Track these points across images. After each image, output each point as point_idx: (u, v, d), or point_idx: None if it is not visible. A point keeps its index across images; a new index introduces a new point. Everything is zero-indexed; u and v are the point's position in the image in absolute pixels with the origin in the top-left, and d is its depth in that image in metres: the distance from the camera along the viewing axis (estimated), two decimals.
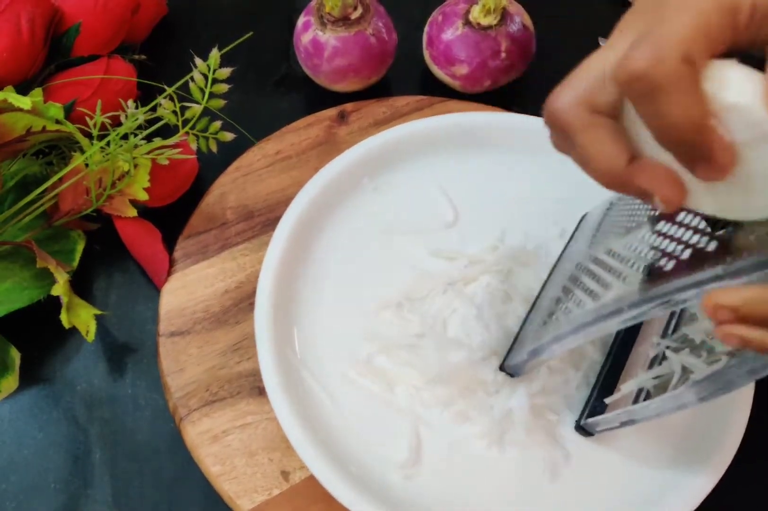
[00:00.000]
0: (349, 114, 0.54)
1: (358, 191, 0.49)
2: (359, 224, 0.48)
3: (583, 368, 0.43)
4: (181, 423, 0.42)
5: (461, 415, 0.42)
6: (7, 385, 0.43)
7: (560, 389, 0.43)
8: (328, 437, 0.41)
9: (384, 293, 0.45)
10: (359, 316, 0.45)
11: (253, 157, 0.52)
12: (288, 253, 0.45)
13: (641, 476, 0.41)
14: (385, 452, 0.41)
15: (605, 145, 0.27)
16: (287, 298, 0.45)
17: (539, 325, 0.40)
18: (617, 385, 0.42)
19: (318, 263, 0.47)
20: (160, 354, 0.44)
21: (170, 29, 0.60)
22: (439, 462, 0.41)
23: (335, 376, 0.43)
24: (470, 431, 0.42)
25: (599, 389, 0.42)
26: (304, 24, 0.53)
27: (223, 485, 0.41)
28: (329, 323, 0.45)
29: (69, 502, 0.42)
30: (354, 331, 0.44)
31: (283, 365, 0.42)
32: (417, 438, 0.41)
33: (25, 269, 0.45)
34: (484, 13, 0.52)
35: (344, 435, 0.41)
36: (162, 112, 0.44)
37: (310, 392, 0.42)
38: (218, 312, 0.46)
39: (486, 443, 0.42)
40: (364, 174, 0.49)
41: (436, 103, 0.55)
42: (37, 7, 0.48)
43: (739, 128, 0.24)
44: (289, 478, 0.41)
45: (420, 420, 0.42)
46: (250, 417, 0.43)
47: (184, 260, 0.48)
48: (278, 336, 0.43)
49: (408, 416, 0.42)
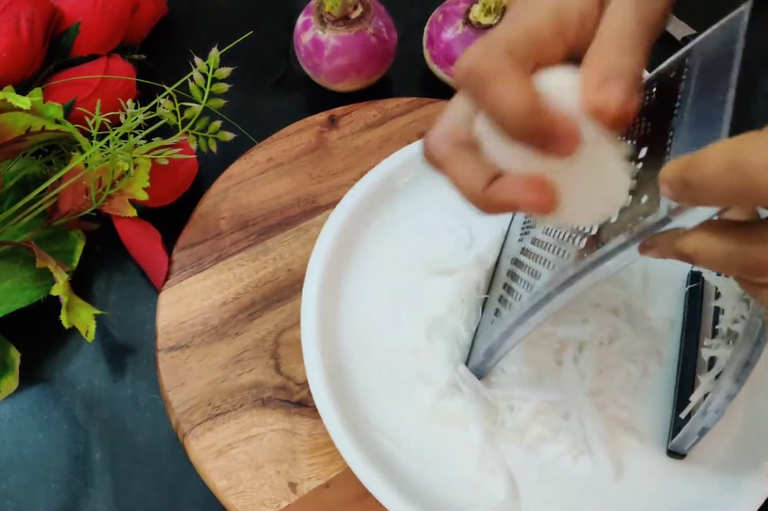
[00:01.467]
0: (339, 118, 0.54)
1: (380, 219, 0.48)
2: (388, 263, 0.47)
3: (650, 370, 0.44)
4: (184, 439, 0.42)
5: (538, 439, 0.41)
6: (7, 385, 0.43)
7: (621, 383, 0.43)
8: (414, 490, 0.39)
9: (420, 323, 0.44)
10: (408, 354, 0.44)
11: (245, 165, 0.51)
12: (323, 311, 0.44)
13: (701, 478, 0.41)
14: (480, 493, 0.40)
15: (465, 173, 0.29)
16: (337, 364, 0.43)
17: (488, 324, 0.41)
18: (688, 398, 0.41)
19: (354, 306, 0.45)
20: (159, 369, 0.44)
21: (170, 29, 0.60)
22: (536, 488, 0.40)
23: (404, 425, 0.41)
24: (554, 450, 0.41)
25: (676, 408, 0.42)
26: (304, 23, 0.53)
27: (230, 500, 0.40)
28: (381, 371, 0.43)
29: (69, 502, 0.42)
30: (408, 373, 0.43)
31: (348, 422, 0.40)
32: (507, 471, 0.40)
33: (25, 269, 0.45)
34: (484, 12, 0.52)
35: (431, 485, 0.40)
36: (161, 112, 0.44)
37: (386, 449, 0.40)
38: (217, 325, 0.46)
39: (572, 457, 0.41)
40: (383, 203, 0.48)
41: (426, 105, 0.55)
42: (37, 7, 0.48)
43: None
44: (296, 489, 0.41)
45: (503, 451, 0.41)
46: (254, 429, 0.42)
47: (180, 273, 0.47)
48: (338, 396, 0.41)
49: (490, 451, 0.41)
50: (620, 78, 0.26)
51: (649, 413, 0.42)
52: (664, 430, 0.42)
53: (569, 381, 0.42)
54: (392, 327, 0.44)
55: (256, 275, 0.47)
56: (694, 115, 0.28)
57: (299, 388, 0.44)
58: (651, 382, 0.43)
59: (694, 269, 0.46)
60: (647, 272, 0.47)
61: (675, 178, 0.24)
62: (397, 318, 0.45)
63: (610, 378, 0.43)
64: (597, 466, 0.41)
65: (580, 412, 0.41)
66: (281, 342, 0.45)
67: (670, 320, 0.45)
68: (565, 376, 0.42)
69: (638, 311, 0.45)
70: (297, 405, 0.43)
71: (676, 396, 0.42)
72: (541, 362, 0.42)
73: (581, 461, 0.41)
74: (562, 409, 0.41)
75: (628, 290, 0.46)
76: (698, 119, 0.27)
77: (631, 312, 0.45)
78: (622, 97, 0.25)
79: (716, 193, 0.23)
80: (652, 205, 0.27)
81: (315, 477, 0.41)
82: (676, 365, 0.44)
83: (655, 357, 0.44)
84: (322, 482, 0.41)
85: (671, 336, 0.45)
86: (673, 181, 0.24)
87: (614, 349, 0.43)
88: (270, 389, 0.44)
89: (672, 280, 0.47)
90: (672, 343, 0.45)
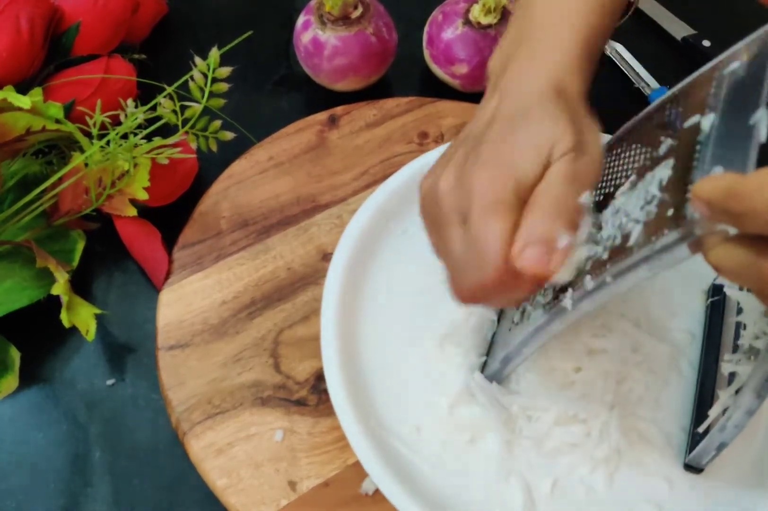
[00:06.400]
0: (339, 117, 0.54)
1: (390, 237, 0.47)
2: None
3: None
4: (184, 438, 0.42)
5: (555, 449, 0.41)
6: (7, 385, 0.43)
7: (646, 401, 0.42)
8: (430, 496, 0.39)
9: (437, 329, 0.44)
10: (425, 360, 0.43)
11: (245, 164, 0.52)
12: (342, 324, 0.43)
13: (719, 493, 0.40)
14: (497, 501, 0.39)
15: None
16: (355, 369, 0.42)
17: (506, 332, 0.40)
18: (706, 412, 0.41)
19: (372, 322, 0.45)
20: (159, 368, 0.44)
21: (170, 29, 0.60)
22: (553, 498, 0.40)
23: (420, 432, 0.41)
24: (571, 460, 0.41)
25: (694, 422, 0.41)
26: (304, 23, 0.53)
27: (230, 498, 0.40)
28: (398, 377, 0.43)
29: (69, 502, 0.42)
30: (425, 380, 0.43)
31: (365, 427, 0.40)
32: (524, 480, 0.40)
33: (25, 269, 0.45)
34: (484, 12, 0.52)
35: (446, 492, 0.39)
36: (162, 112, 0.44)
37: (404, 457, 0.40)
38: (217, 324, 0.46)
39: (590, 468, 0.40)
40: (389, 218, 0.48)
41: (426, 104, 0.55)
42: (37, 7, 0.48)
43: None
44: (296, 488, 0.41)
45: (520, 460, 0.41)
46: (254, 428, 0.42)
47: (180, 272, 0.47)
48: (355, 401, 0.41)
49: (507, 459, 0.40)
50: (539, 245, 0.30)
51: (668, 425, 0.42)
52: (683, 443, 0.41)
53: (589, 391, 0.41)
54: (409, 333, 0.44)
55: (256, 273, 0.47)
56: (723, 131, 0.28)
57: (299, 387, 0.44)
58: (671, 394, 0.43)
59: (716, 282, 0.46)
60: (669, 284, 0.46)
61: (716, 203, 0.24)
62: (414, 324, 0.44)
63: (630, 389, 0.42)
64: (614, 477, 0.40)
65: (599, 423, 0.41)
66: (281, 341, 0.45)
67: (690, 332, 0.45)
68: (584, 386, 0.42)
69: (659, 323, 0.45)
70: (296, 404, 0.43)
71: (694, 410, 0.42)
72: (560, 371, 0.42)
73: (598, 472, 0.40)
74: (581, 419, 0.41)
75: (650, 302, 0.45)
76: (726, 135, 0.27)
77: (652, 324, 0.45)
78: (536, 265, 0.30)
79: (763, 225, 0.23)
80: (676, 220, 0.27)
81: (314, 476, 0.41)
82: (695, 378, 0.43)
83: (676, 370, 0.44)
84: (322, 481, 0.41)
85: (692, 349, 0.45)
86: (715, 205, 0.24)
87: (634, 360, 0.43)
88: (269, 388, 0.44)
89: (693, 293, 0.47)
90: (692, 356, 0.44)
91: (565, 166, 0.31)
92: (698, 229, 0.26)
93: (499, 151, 0.32)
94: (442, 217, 0.33)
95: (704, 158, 0.28)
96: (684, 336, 0.45)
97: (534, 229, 0.30)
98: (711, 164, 0.27)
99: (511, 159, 0.32)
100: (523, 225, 0.30)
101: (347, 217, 0.49)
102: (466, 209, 0.32)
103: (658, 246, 0.28)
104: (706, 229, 0.26)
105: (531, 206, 0.31)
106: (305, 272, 0.48)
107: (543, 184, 0.31)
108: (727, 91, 0.29)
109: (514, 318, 0.40)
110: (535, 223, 0.30)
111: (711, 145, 0.28)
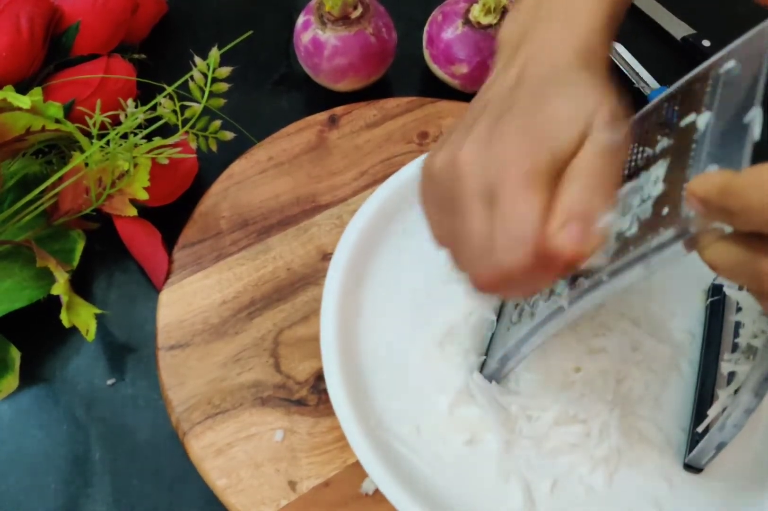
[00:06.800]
0: (339, 117, 0.54)
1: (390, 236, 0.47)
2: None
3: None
4: (184, 438, 0.42)
5: (555, 449, 0.41)
6: (7, 385, 0.43)
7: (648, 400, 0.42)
8: (429, 496, 0.39)
9: (436, 329, 0.44)
10: (423, 360, 0.43)
11: (245, 164, 0.52)
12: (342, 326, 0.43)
13: (719, 493, 0.40)
14: (496, 501, 0.39)
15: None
16: (355, 370, 0.42)
17: (504, 331, 0.40)
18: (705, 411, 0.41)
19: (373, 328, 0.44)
20: (159, 368, 0.44)
21: (170, 28, 0.60)
22: (552, 498, 0.40)
23: (420, 432, 0.41)
24: (571, 460, 0.40)
25: (694, 422, 0.41)
26: (304, 23, 0.53)
27: (230, 499, 0.40)
28: (397, 377, 0.43)
29: (69, 502, 0.42)
30: (424, 380, 0.42)
31: (364, 427, 0.40)
32: (524, 480, 0.40)
33: (25, 269, 0.45)
34: (484, 12, 0.52)
35: (446, 492, 0.39)
36: (162, 112, 0.44)
37: (404, 457, 0.40)
38: (217, 323, 0.46)
39: (590, 468, 0.40)
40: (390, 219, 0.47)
41: (426, 104, 0.55)
42: (37, 7, 0.48)
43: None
44: (296, 488, 0.41)
45: (520, 460, 0.40)
46: (254, 428, 0.42)
47: (180, 272, 0.47)
48: (355, 401, 0.41)
49: (507, 459, 0.40)
50: (581, 221, 0.27)
51: (667, 425, 0.42)
52: (683, 443, 0.41)
53: (588, 391, 0.41)
54: (409, 333, 0.44)
55: (256, 273, 0.47)
56: (718, 129, 0.28)
57: (299, 387, 0.44)
58: (671, 394, 0.43)
59: (716, 282, 0.46)
60: (669, 284, 0.46)
61: (711, 201, 0.24)
62: (413, 324, 0.44)
63: (630, 389, 0.42)
64: (614, 477, 0.40)
65: (599, 422, 0.41)
66: (281, 341, 0.45)
67: (690, 332, 0.45)
68: (584, 386, 0.41)
69: (659, 323, 0.45)
70: (296, 404, 0.43)
71: (694, 410, 0.42)
72: (559, 371, 0.42)
73: (598, 472, 0.40)
74: (580, 419, 0.41)
75: (650, 301, 0.45)
76: (722, 134, 0.28)
77: (652, 323, 0.45)
78: (576, 244, 0.27)
79: (758, 222, 0.23)
80: (672, 218, 0.27)
81: (314, 476, 0.41)
82: (695, 377, 0.43)
83: (675, 369, 0.44)
84: (322, 481, 0.41)
85: (691, 349, 0.45)
86: (710, 202, 0.24)
87: (634, 359, 0.43)
88: (270, 388, 0.44)
89: (693, 292, 0.47)
90: (692, 356, 0.44)
91: (607, 136, 0.28)
92: (693, 227, 0.26)
93: (532, 120, 0.29)
94: (463, 194, 0.29)
95: (699, 156, 0.28)
96: (684, 336, 0.45)
97: (574, 204, 0.27)
98: (706, 162, 0.27)
99: (548, 128, 0.29)
100: (562, 200, 0.28)
101: (347, 217, 0.49)
102: (493, 184, 0.29)
103: (653, 244, 0.28)
104: (701, 227, 0.26)
105: (570, 180, 0.28)
106: (305, 272, 0.48)
107: (582, 155, 0.28)
108: (722, 90, 0.29)
109: (513, 317, 0.40)
110: (575, 198, 0.27)
111: (706, 143, 0.28)
